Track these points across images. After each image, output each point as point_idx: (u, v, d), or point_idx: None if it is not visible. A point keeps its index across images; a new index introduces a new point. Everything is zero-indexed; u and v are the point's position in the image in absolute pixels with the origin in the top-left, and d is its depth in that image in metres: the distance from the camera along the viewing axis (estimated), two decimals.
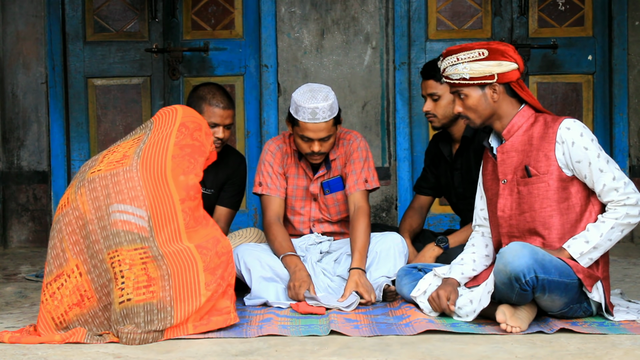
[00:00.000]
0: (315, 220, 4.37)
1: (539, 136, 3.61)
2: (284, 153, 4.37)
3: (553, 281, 3.41)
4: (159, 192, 3.52)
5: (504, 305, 3.46)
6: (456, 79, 3.66)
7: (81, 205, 3.53)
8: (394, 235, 4.23)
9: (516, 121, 3.66)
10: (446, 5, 5.95)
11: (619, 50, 5.82)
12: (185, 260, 3.45)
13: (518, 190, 3.64)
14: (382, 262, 4.14)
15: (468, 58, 3.62)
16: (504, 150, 3.68)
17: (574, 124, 3.59)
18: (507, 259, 3.39)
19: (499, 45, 3.63)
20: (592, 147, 3.56)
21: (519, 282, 3.37)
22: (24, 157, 5.93)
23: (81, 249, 3.50)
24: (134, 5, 5.97)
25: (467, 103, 3.67)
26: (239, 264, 4.12)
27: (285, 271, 4.11)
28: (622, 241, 5.79)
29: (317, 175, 4.33)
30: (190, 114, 3.76)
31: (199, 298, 3.44)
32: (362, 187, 4.28)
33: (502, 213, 3.68)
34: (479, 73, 3.62)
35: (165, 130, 3.67)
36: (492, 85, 3.63)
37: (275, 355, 3.19)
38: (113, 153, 3.66)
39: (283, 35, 5.85)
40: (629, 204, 3.55)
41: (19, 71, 5.90)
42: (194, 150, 3.64)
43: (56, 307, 3.48)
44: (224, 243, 3.58)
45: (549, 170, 3.59)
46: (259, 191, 4.35)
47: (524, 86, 3.67)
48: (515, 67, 3.62)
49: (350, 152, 4.32)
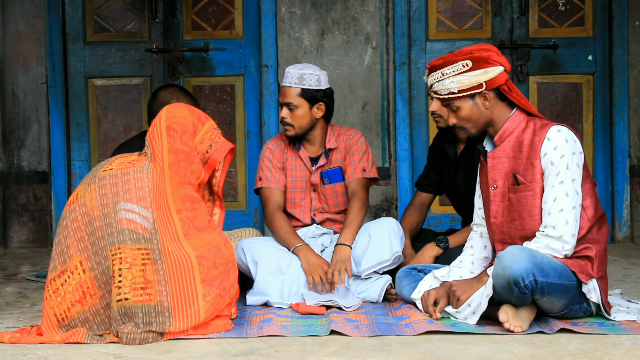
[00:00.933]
0: (315, 209, 4.41)
1: (528, 143, 3.59)
2: (283, 148, 4.44)
3: (552, 283, 3.41)
4: (162, 198, 3.52)
5: (506, 305, 3.46)
6: (445, 94, 3.64)
7: (89, 202, 3.53)
8: (389, 219, 4.26)
9: (508, 126, 3.64)
10: (446, 5, 5.94)
11: (619, 50, 5.82)
12: (183, 269, 3.44)
13: (509, 197, 3.63)
14: (377, 246, 4.14)
15: (453, 72, 3.60)
16: (495, 155, 3.66)
17: (558, 133, 3.54)
18: (506, 264, 3.39)
19: (481, 52, 3.59)
20: (569, 157, 3.52)
21: (518, 286, 3.37)
22: (24, 157, 5.93)
23: (86, 245, 3.50)
24: (134, 5, 5.97)
25: (461, 115, 3.65)
26: (245, 257, 4.14)
27: (291, 266, 4.11)
28: (622, 241, 5.83)
29: (317, 166, 4.40)
30: (173, 114, 3.66)
31: (196, 309, 3.43)
32: (359, 174, 4.37)
33: (494, 219, 3.68)
34: (466, 85, 3.60)
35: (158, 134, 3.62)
36: (482, 93, 3.61)
37: (276, 355, 3.19)
38: (127, 156, 3.66)
39: (283, 35, 5.85)
40: (551, 236, 3.49)
41: (19, 71, 5.90)
42: (186, 157, 3.60)
43: (59, 303, 3.48)
44: (225, 253, 3.56)
45: (535, 179, 3.57)
46: (259, 185, 4.41)
47: (513, 88, 3.64)
48: (501, 70, 3.59)
49: (350, 146, 4.41)
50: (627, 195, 5.84)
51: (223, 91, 5.99)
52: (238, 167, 5.98)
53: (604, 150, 5.89)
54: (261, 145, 5.88)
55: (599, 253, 3.59)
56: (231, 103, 5.98)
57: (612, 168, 5.85)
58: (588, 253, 3.56)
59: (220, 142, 3.69)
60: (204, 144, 3.68)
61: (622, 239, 5.85)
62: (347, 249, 4.13)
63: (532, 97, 5.91)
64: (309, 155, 4.42)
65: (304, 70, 4.31)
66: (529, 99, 5.89)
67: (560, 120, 5.87)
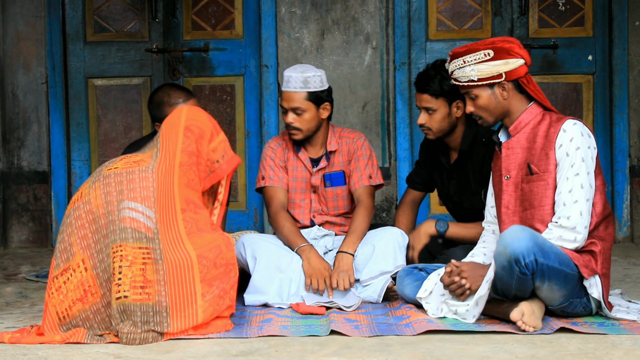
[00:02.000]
0: (315, 211, 4.39)
1: (543, 135, 3.63)
2: (284, 148, 4.42)
3: (553, 268, 3.43)
4: (166, 195, 3.52)
5: (523, 303, 3.45)
6: (465, 81, 3.68)
7: (93, 200, 3.53)
8: (394, 229, 4.23)
9: (524, 118, 3.68)
10: (446, 5, 5.94)
11: (619, 50, 5.82)
12: (183, 268, 3.44)
13: (521, 187, 3.65)
14: (380, 256, 4.12)
15: (474, 60, 3.65)
16: (509, 146, 3.69)
17: (574, 126, 3.60)
18: (507, 241, 3.41)
19: (504, 43, 3.64)
20: (584, 150, 3.56)
21: (519, 264, 3.38)
22: (24, 157, 5.93)
23: (88, 243, 3.50)
24: (134, 5, 5.97)
25: (478, 103, 3.70)
26: (244, 252, 4.13)
27: (292, 265, 4.11)
28: (622, 241, 5.83)
29: (318, 167, 4.37)
30: (194, 116, 3.70)
31: (194, 308, 3.43)
32: (366, 182, 4.34)
33: (506, 209, 3.69)
34: (486, 74, 3.64)
35: (173, 132, 3.64)
36: (501, 84, 3.66)
37: (276, 355, 3.19)
38: (132, 156, 3.67)
39: (283, 35, 5.85)
40: (564, 226, 3.52)
41: (19, 71, 5.90)
42: (197, 161, 3.63)
43: (61, 301, 3.48)
44: (226, 254, 3.56)
45: (549, 169, 3.60)
46: (262, 184, 4.38)
47: (532, 81, 3.70)
48: (522, 62, 3.65)
49: (354, 150, 4.37)
50: (627, 195, 5.84)
51: (223, 91, 5.99)
52: (238, 167, 5.97)
53: (604, 150, 5.88)
54: (261, 145, 5.88)
55: (603, 250, 3.61)
56: (231, 103, 5.98)
57: (612, 168, 5.85)
58: (593, 248, 3.59)
59: (230, 155, 3.72)
60: (217, 153, 3.69)
61: (622, 239, 5.85)
62: (350, 257, 4.12)
63: None
64: (310, 156, 4.40)
65: (307, 73, 4.27)
66: None
67: None
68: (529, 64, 3.67)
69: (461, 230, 4.22)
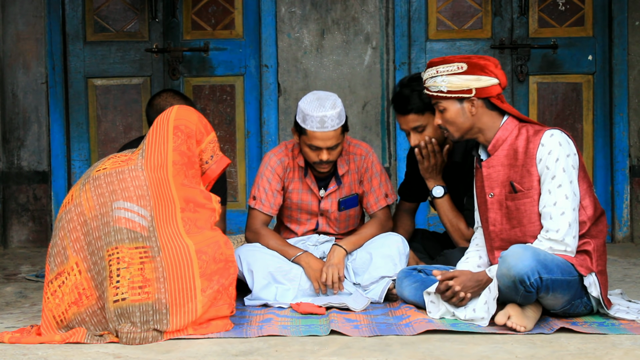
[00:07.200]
0: (321, 231, 4.33)
1: (522, 151, 3.60)
2: (286, 167, 4.24)
3: (556, 280, 3.43)
4: (163, 194, 3.52)
5: (510, 305, 3.45)
6: (434, 91, 3.65)
7: (84, 202, 3.53)
8: (395, 236, 4.19)
9: (500, 135, 3.64)
10: (446, 5, 5.94)
11: (619, 50, 5.82)
12: (182, 262, 3.44)
13: (507, 205, 3.64)
14: (381, 263, 4.10)
15: (447, 71, 3.61)
16: (490, 164, 3.66)
17: (551, 138, 3.56)
18: (510, 263, 3.40)
19: (479, 59, 3.61)
20: (564, 160, 3.53)
21: (524, 284, 3.38)
22: (24, 157, 5.93)
23: (82, 246, 3.50)
24: (134, 5, 5.97)
25: (445, 116, 3.67)
26: (241, 266, 4.09)
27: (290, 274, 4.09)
28: (622, 241, 5.83)
29: (328, 192, 4.24)
30: (183, 115, 3.69)
31: (194, 303, 3.43)
32: (383, 203, 4.27)
33: (493, 227, 3.68)
34: (456, 87, 3.61)
35: (162, 130, 3.65)
36: (471, 99, 3.62)
37: (276, 355, 3.19)
38: (119, 156, 3.66)
39: (283, 35, 5.85)
40: (554, 239, 3.52)
41: (19, 71, 5.90)
42: (189, 161, 3.62)
43: (57, 305, 3.48)
44: (225, 251, 3.55)
45: (533, 186, 3.58)
46: (252, 205, 4.26)
47: (504, 101, 3.66)
48: (495, 82, 3.61)
49: (364, 170, 4.26)
50: (627, 195, 5.84)
51: (223, 91, 5.99)
52: (238, 167, 5.98)
53: (604, 150, 5.89)
54: (261, 145, 5.88)
55: (597, 247, 3.61)
56: (231, 103, 5.98)
57: (612, 168, 5.85)
58: (586, 248, 3.59)
59: (219, 155, 3.72)
60: (206, 154, 3.71)
61: (622, 239, 5.85)
62: (342, 251, 4.10)
63: (532, 97, 5.92)
64: (315, 174, 4.24)
65: (337, 106, 4.04)
66: (529, 99, 5.90)
67: (560, 120, 5.87)
68: (503, 85, 3.62)
69: (454, 215, 4.18)
